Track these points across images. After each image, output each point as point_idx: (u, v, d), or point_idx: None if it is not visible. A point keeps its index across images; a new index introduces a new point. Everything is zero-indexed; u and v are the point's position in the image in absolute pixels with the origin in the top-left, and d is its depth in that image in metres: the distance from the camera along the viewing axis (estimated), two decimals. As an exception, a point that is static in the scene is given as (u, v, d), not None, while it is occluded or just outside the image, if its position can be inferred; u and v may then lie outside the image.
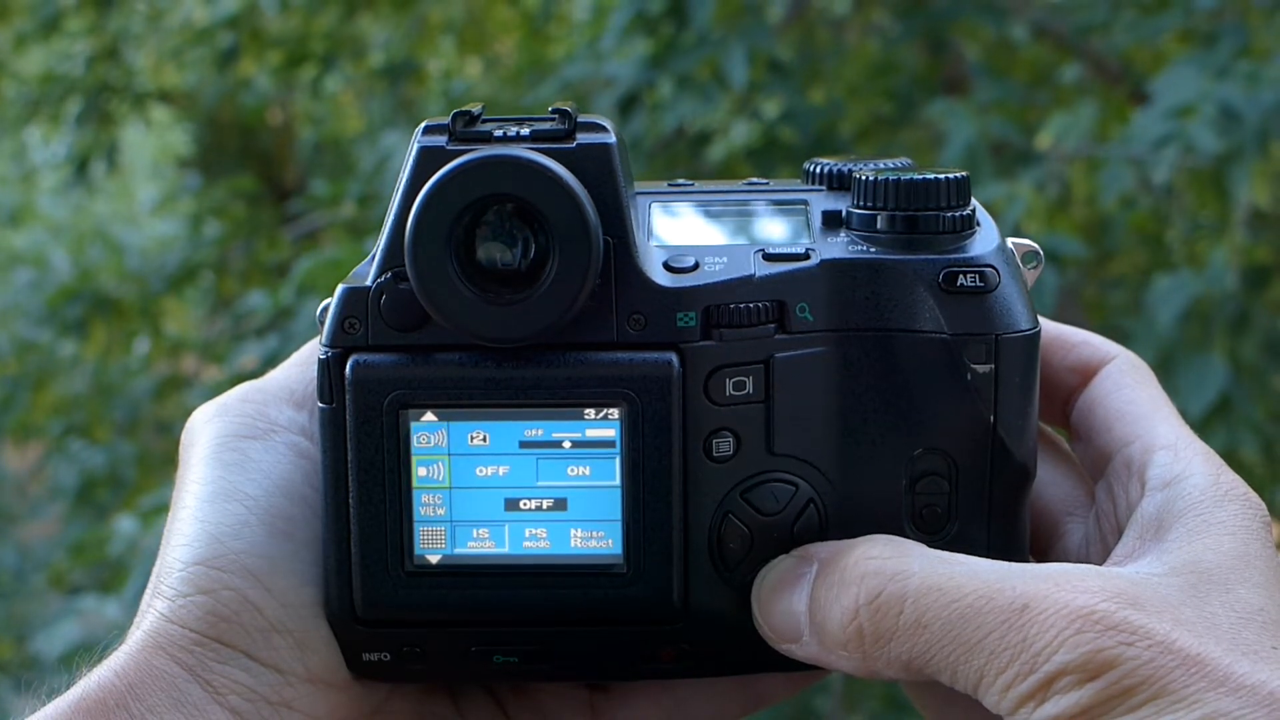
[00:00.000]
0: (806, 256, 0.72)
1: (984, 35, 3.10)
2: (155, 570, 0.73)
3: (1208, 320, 2.44)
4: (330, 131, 5.07)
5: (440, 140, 0.70)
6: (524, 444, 0.71)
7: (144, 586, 0.73)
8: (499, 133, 0.70)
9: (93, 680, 0.70)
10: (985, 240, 0.73)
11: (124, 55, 4.39)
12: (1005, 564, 0.67)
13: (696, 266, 0.71)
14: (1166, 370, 2.33)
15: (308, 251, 4.06)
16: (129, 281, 4.36)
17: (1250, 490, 0.70)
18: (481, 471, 0.71)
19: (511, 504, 0.71)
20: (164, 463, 4.03)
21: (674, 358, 0.70)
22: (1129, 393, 0.76)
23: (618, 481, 0.71)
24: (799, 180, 0.81)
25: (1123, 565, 0.68)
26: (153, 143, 6.77)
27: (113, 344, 4.54)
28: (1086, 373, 0.78)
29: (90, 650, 0.73)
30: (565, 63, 3.21)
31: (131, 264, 4.56)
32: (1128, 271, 3.02)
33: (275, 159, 5.66)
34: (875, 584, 0.68)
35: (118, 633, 0.74)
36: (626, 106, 2.72)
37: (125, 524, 3.15)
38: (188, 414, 0.79)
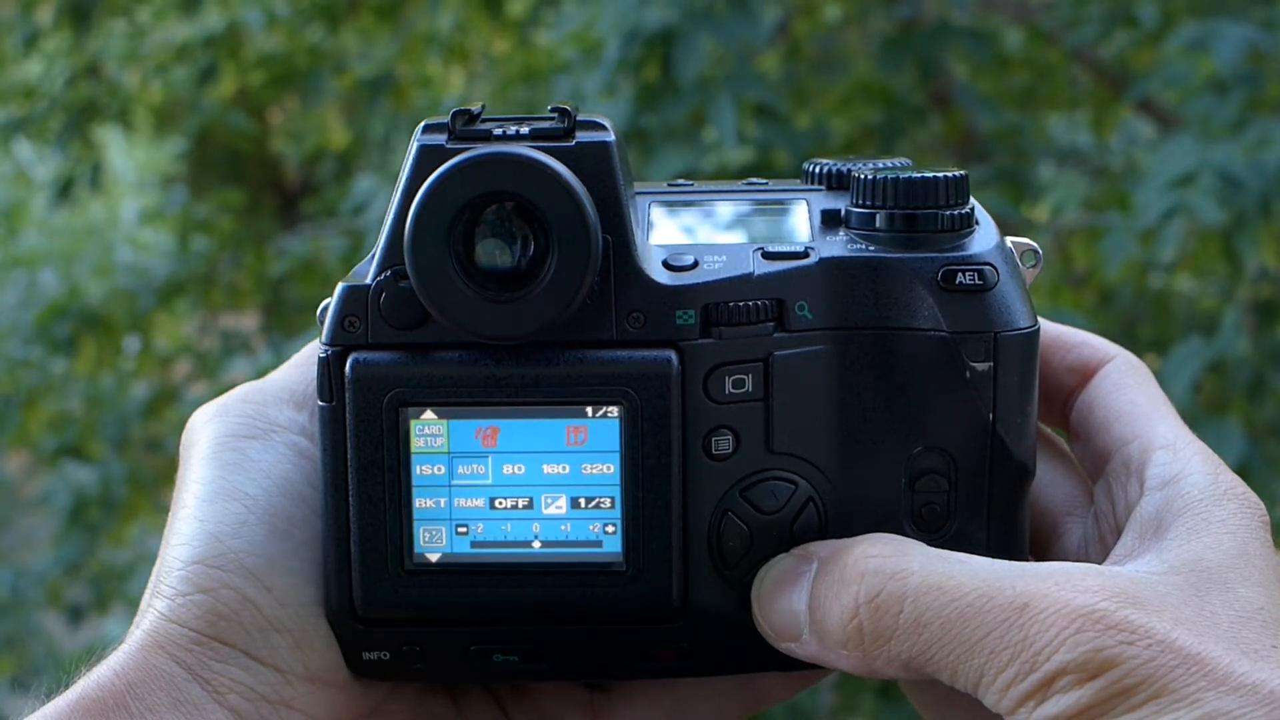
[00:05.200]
0: (805, 255, 0.72)
1: (969, 58, 3.10)
2: (155, 570, 0.73)
3: (1223, 386, 2.42)
4: (315, 146, 5.06)
5: (440, 139, 0.71)
6: (524, 442, 0.71)
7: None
8: (498, 131, 0.71)
9: (92, 679, 0.69)
10: (984, 239, 0.73)
11: (105, 73, 4.37)
12: (1005, 563, 0.67)
13: (696, 265, 0.71)
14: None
15: (301, 279, 4.06)
16: (118, 297, 4.34)
17: (1249, 489, 0.70)
18: (481, 469, 0.71)
19: (511, 502, 0.71)
20: (156, 481, 4.01)
21: (673, 356, 0.70)
22: (1128, 393, 0.76)
23: (617, 480, 0.71)
24: (798, 180, 0.81)
25: (1122, 564, 0.68)
26: (140, 155, 6.74)
27: (102, 360, 4.52)
28: (1086, 373, 0.78)
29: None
30: (552, 91, 3.19)
31: (121, 279, 4.54)
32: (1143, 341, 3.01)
33: (275, 161, 5.64)
34: (875, 583, 0.68)
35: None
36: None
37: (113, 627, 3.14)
38: (178, 429, 0.79)
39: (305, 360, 0.79)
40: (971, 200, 0.75)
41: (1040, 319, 0.75)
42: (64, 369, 4.45)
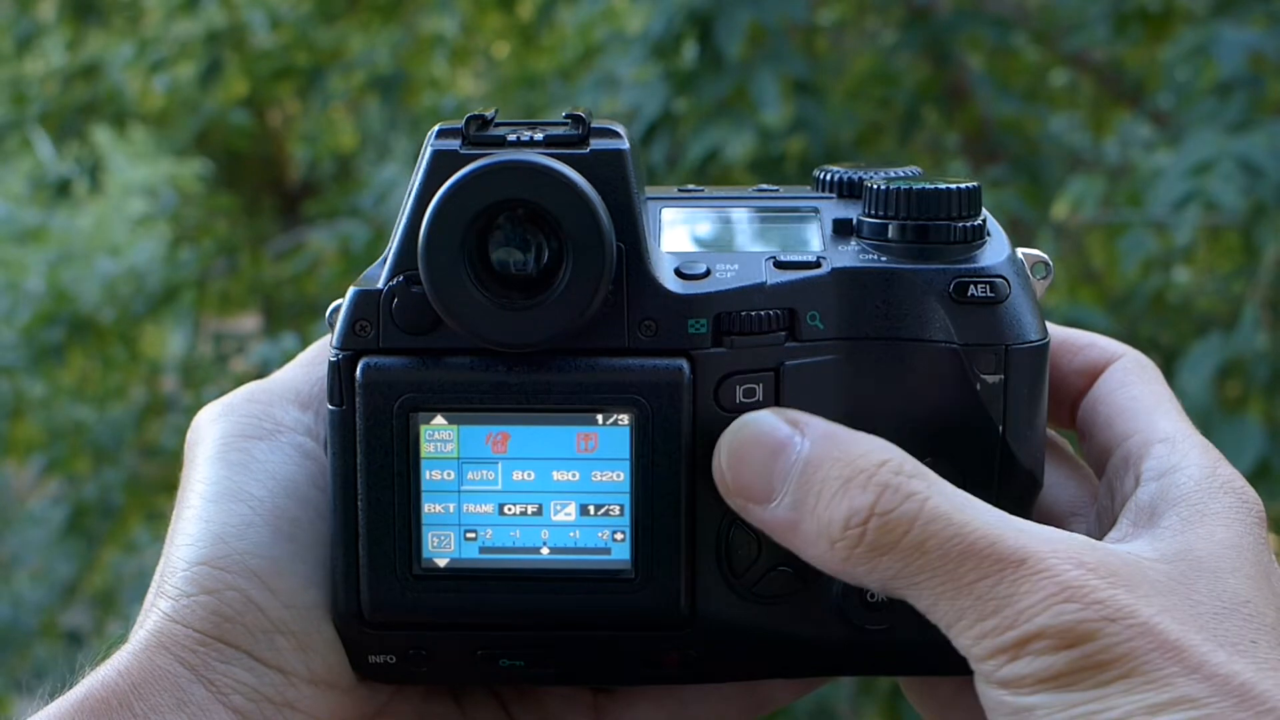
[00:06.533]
0: (818, 264, 0.72)
1: (986, 44, 3.10)
2: (159, 570, 0.73)
3: (1242, 383, 2.41)
4: (325, 148, 5.06)
5: (454, 144, 0.70)
6: (534, 449, 0.71)
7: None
8: (512, 137, 0.70)
9: (96, 679, 0.69)
10: (996, 251, 0.73)
11: (106, 73, 4.36)
12: (1012, 517, 0.67)
13: (708, 273, 0.71)
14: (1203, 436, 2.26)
15: (306, 280, 4.05)
16: (110, 304, 4.31)
17: (1247, 485, 0.70)
18: (490, 475, 0.71)
19: (520, 509, 0.71)
20: (153, 488, 4.00)
21: (685, 364, 0.70)
22: (1131, 389, 0.76)
23: (627, 487, 0.71)
24: (809, 188, 0.81)
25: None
26: (150, 168, 6.72)
27: (90, 370, 4.51)
28: (1093, 374, 0.78)
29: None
30: (576, 87, 3.17)
31: (118, 285, 4.51)
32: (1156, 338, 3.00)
33: (276, 161, 5.64)
34: (893, 498, 0.66)
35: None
36: (648, 135, 2.65)
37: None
38: (175, 434, 0.79)
39: (311, 360, 0.79)
40: (984, 212, 0.75)
41: (1049, 325, 0.75)
42: (53, 380, 4.43)
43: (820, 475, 0.68)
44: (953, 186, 0.73)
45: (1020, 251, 0.76)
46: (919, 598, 0.66)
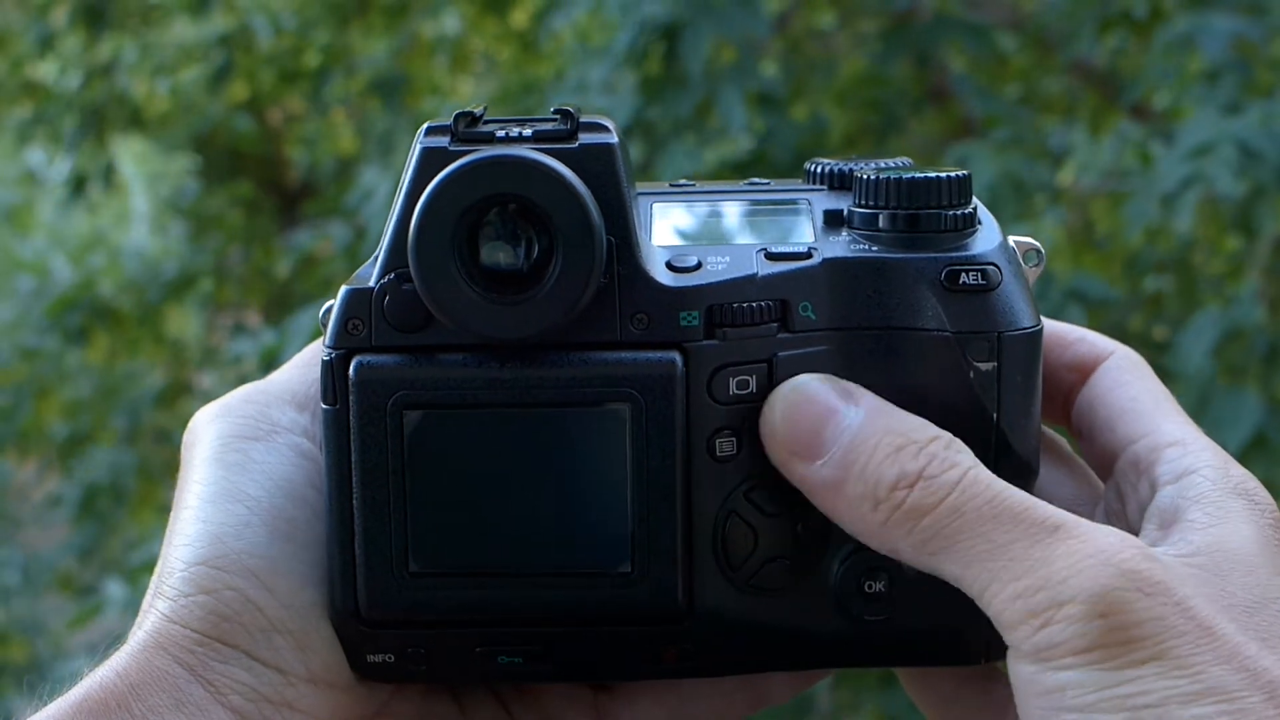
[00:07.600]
0: (809, 255, 0.72)
1: (967, 51, 3.11)
2: (157, 571, 0.73)
3: (1240, 355, 2.43)
4: (324, 152, 5.08)
5: (443, 141, 0.71)
6: (527, 443, 0.71)
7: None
8: (501, 133, 0.70)
9: (94, 680, 0.69)
10: (987, 238, 0.73)
11: (117, 76, 4.39)
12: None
13: (699, 266, 0.71)
14: (1201, 408, 2.31)
15: (305, 275, 4.06)
16: (128, 290, 4.36)
17: (1259, 486, 0.71)
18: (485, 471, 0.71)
19: (516, 503, 0.71)
20: (164, 472, 4.02)
21: (677, 357, 0.70)
22: (1129, 389, 0.76)
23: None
24: (799, 180, 0.81)
25: None
26: (152, 164, 6.75)
27: (116, 350, 4.54)
28: (1084, 369, 0.78)
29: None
30: (553, 92, 3.18)
31: (131, 272, 4.55)
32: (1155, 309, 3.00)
33: (275, 160, 5.65)
34: (939, 466, 0.68)
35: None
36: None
37: (114, 589, 3.16)
38: (187, 422, 0.79)
39: (307, 361, 0.79)
40: (974, 200, 0.75)
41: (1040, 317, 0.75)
42: (77, 360, 4.47)
43: (873, 442, 0.69)
44: (942, 175, 0.73)
45: (1012, 239, 0.76)
46: (953, 563, 0.66)
